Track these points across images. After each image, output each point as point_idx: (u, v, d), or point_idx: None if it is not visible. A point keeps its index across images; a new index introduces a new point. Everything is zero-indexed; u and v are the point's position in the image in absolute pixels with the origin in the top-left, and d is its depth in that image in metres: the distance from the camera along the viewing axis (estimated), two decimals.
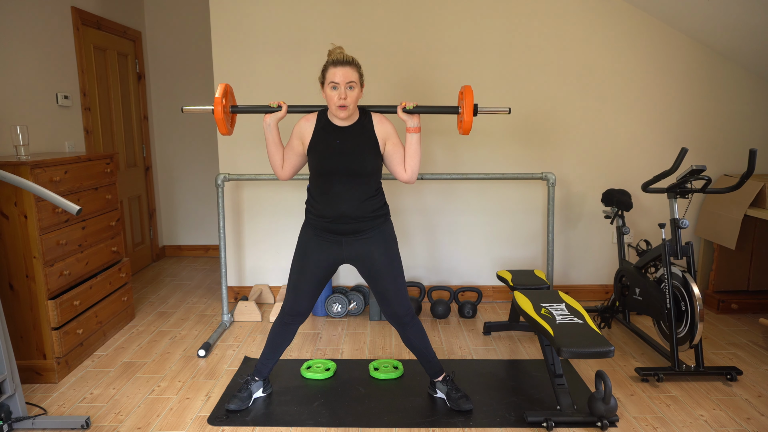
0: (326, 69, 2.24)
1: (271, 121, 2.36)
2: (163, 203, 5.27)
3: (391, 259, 2.40)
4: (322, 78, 2.26)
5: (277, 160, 2.40)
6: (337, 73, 2.21)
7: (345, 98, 2.22)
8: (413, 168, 2.37)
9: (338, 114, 2.26)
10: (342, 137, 2.31)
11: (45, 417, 2.36)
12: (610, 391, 2.31)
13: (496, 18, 3.68)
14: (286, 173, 2.42)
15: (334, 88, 2.22)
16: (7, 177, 2.20)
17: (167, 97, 5.06)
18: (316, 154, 2.31)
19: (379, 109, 2.42)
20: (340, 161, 2.28)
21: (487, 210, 3.92)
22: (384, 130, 2.35)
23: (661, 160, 3.86)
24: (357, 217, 2.33)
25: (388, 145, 2.36)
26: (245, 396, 2.53)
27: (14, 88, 3.25)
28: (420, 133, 2.35)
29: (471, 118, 2.34)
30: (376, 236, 2.38)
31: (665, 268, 2.84)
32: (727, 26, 3.32)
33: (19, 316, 2.76)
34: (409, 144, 2.35)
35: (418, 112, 2.36)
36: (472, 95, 2.33)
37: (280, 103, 2.37)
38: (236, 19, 3.70)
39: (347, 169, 2.28)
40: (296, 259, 2.43)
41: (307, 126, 2.36)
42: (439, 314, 3.64)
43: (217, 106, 2.35)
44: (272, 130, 2.36)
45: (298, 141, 2.37)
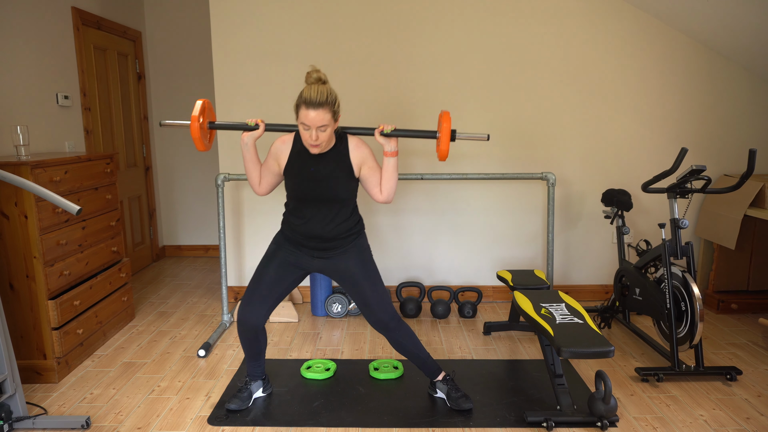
0: (299, 106, 2.15)
1: (248, 140, 2.32)
2: (163, 203, 5.27)
3: (367, 268, 2.41)
4: (296, 112, 2.19)
5: (254, 177, 2.38)
6: (309, 114, 2.12)
7: (316, 139, 2.16)
8: (389, 191, 2.35)
9: (310, 149, 2.22)
10: (317, 164, 2.28)
11: (45, 417, 2.36)
12: (610, 391, 2.31)
13: (495, 18, 3.68)
14: (263, 190, 2.41)
15: (306, 129, 2.16)
16: (7, 177, 2.20)
17: (167, 97, 5.06)
18: (290, 179, 2.31)
19: (357, 131, 2.36)
20: (314, 188, 2.28)
21: (487, 210, 3.92)
22: (360, 155, 2.31)
23: (661, 160, 3.86)
24: (331, 238, 2.35)
25: (364, 169, 2.33)
26: (245, 396, 2.53)
27: (14, 88, 3.25)
28: (397, 157, 2.32)
29: (447, 147, 2.29)
30: (351, 250, 2.40)
31: (665, 268, 2.84)
32: (727, 26, 3.33)
33: (20, 316, 2.76)
34: (386, 167, 2.32)
35: (395, 135, 2.30)
36: (450, 122, 2.28)
37: (258, 122, 2.32)
38: (236, 19, 3.70)
39: (321, 195, 2.29)
40: (260, 262, 2.44)
41: (283, 148, 2.32)
42: (439, 314, 3.64)
43: (193, 124, 2.30)
44: (250, 148, 2.34)
45: (274, 161, 2.35)
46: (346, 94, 3.78)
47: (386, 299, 2.43)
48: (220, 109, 3.80)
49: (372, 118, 3.79)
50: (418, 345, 2.51)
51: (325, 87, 2.15)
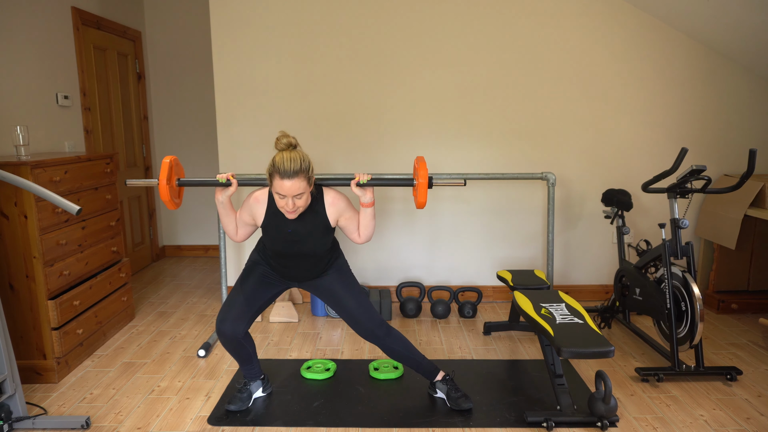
0: (273, 176, 2.10)
1: (223, 198, 2.31)
2: (163, 203, 5.26)
3: (347, 284, 2.45)
4: (269, 180, 2.13)
5: (230, 229, 2.39)
6: (283, 185, 2.08)
7: (294, 206, 2.14)
8: (367, 235, 2.37)
9: (288, 216, 2.20)
10: (293, 225, 2.28)
11: (45, 417, 2.36)
12: (610, 391, 2.31)
13: (495, 18, 3.68)
14: (241, 238, 2.42)
15: (282, 197, 2.13)
16: (7, 177, 2.20)
17: (167, 97, 5.06)
18: (268, 237, 2.33)
19: (333, 182, 2.33)
20: (292, 247, 2.31)
21: (487, 210, 3.92)
22: (336, 209, 2.30)
23: (661, 160, 3.86)
24: (310, 276, 2.44)
25: (342, 220, 2.34)
26: (245, 396, 2.53)
27: (14, 88, 3.25)
28: (374, 207, 2.32)
29: (425, 197, 2.26)
30: (329, 271, 2.46)
31: (665, 268, 2.84)
32: (727, 26, 3.32)
33: (19, 316, 2.76)
34: (364, 216, 2.33)
35: (372, 185, 2.29)
36: (426, 169, 2.24)
37: (230, 177, 2.28)
38: (236, 19, 3.70)
39: (299, 252, 2.33)
40: (245, 268, 2.49)
41: (258, 207, 2.30)
42: (439, 314, 3.64)
43: (162, 188, 2.25)
44: (225, 206, 2.34)
45: (249, 216, 2.35)
46: (349, 92, 3.78)
47: (370, 309, 2.46)
48: (220, 110, 3.80)
49: (370, 120, 3.79)
50: (411, 348, 2.51)
51: (297, 153, 2.11)
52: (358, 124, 3.81)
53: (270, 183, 2.14)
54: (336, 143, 3.83)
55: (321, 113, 3.80)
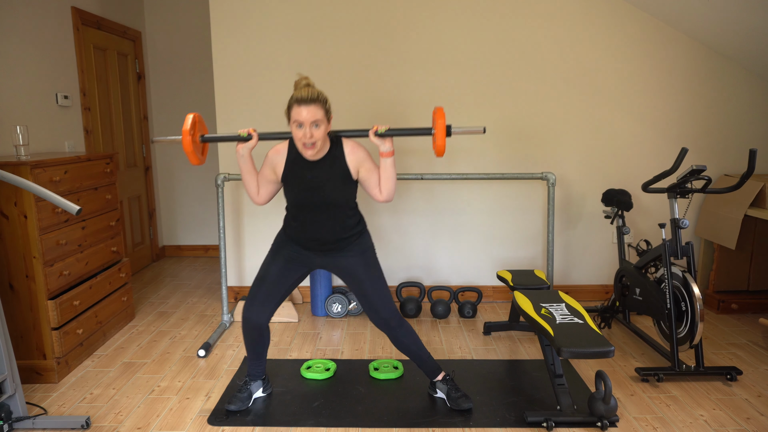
0: (291, 107, 2.17)
1: (243, 151, 2.30)
2: (163, 203, 5.27)
3: (370, 267, 2.42)
4: (288, 114, 2.19)
5: (252, 187, 2.37)
6: (301, 112, 2.13)
7: (311, 137, 2.16)
8: (389, 190, 2.34)
9: (305, 153, 2.20)
10: (313, 171, 2.28)
11: (45, 417, 2.36)
12: (610, 391, 2.31)
13: (495, 18, 3.68)
14: (262, 199, 2.40)
15: (300, 126, 2.15)
16: (7, 177, 2.19)
17: (167, 97, 5.06)
18: (288, 188, 2.32)
19: (351, 134, 2.34)
20: (313, 195, 2.28)
21: (487, 210, 3.92)
22: (356, 158, 2.30)
23: (661, 160, 3.86)
24: (333, 241, 2.37)
25: (362, 171, 2.32)
26: (245, 396, 2.53)
27: (14, 88, 3.25)
28: (393, 157, 2.30)
29: (444, 141, 2.27)
30: (353, 249, 2.41)
31: (665, 268, 2.84)
32: (727, 26, 3.32)
33: (19, 316, 2.76)
34: (384, 168, 2.31)
35: (390, 135, 2.28)
36: (444, 117, 2.26)
37: (251, 132, 2.29)
38: (236, 19, 3.70)
39: (321, 202, 2.29)
40: (265, 260, 2.46)
41: (278, 158, 2.32)
42: (439, 314, 3.64)
43: (185, 138, 2.27)
44: (246, 159, 2.33)
45: (270, 171, 2.35)
46: (348, 89, 3.78)
47: (388, 298, 2.44)
48: (220, 110, 3.80)
49: (372, 118, 3.79)
50: (419, 344, 2.51)
51: (314, 88, 2.18)
52: (357, 125, 3.81)
53: (288, 117, 2.19)
54: None
55: None
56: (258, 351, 2.52)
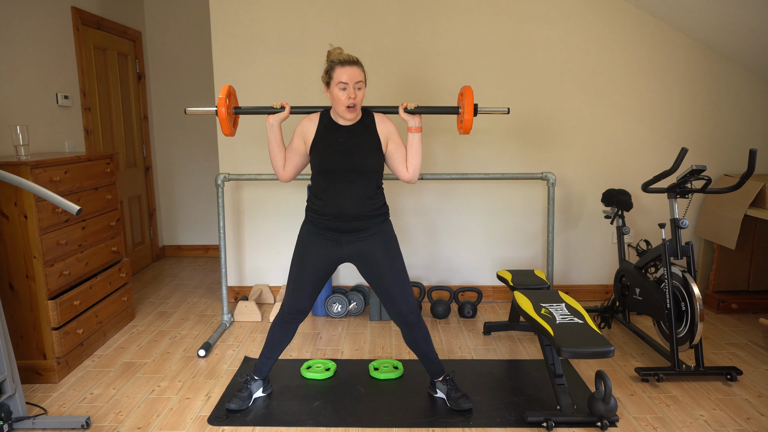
0: (332, 69, 2.24)
1: (274, 121, 2.36)
2: (163, 203, 5.27)
3: (393, 257, 2.40)
4: (328, 78, 2.27)
5: (279, 160, 2.41)
6: (345, 72, 2.22)
7: (354, 98, 2.24)
8: (415, 167, 2.38)
9: (346, 115, 2.27)
10: (345, 135, 2.32)
11: (45, 417, 2.36)
12: (610, 391, 2.31)
13: (496, 18, 3.68)
14: (287, 174, 2.42)
15: (343, 88, 2.22)
16: (7, 177, 2.20)
17: (167, 97, 5.06)
18: (318, 152, 2.32)
19: (381, 109, 2.43)
20: (342, 159, 2.29)
21: (487, 210, 3.92)
22: (386, 129, 2.37)
23: (661, 160, 3.86)
24: (357, 216, 2.34)
25: (390, 145, 2.37)
26: (245, 396, 2.53)
27: (14, 88, 3.25)
28: (421, 133, 2.36)
29: (471, 118, 2.36)
30: (376, 235, 2.39)
31: (665, 268, 2.84)
32: (727, 26, 3.33)
33: (19, 316, 2.76)
34: (411, 143, 2.36)
35: (419, 112, 2.37)
36: (473, 95, 2.35)
37: (283, 104, 2.38)
38: (236, 19, 3.70)
39: (349, 166, 2.29)
40: (295, 256, 2.44)
41: (310, 125, 2.37)
42: (439, 314, 3.64)
43: (220, 107, 2.37)
44: (275, 130, 2.37)
45: (300, 140, 2.38)
46: None
47: (410, 292, 2.43)
48: None
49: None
50: (431, 344, 2.51)
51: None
52: None
53: (329, 80, 2.25)
54: None
55: None
56: (278, 350, 2.55)
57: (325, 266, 2.43)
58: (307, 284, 2.43)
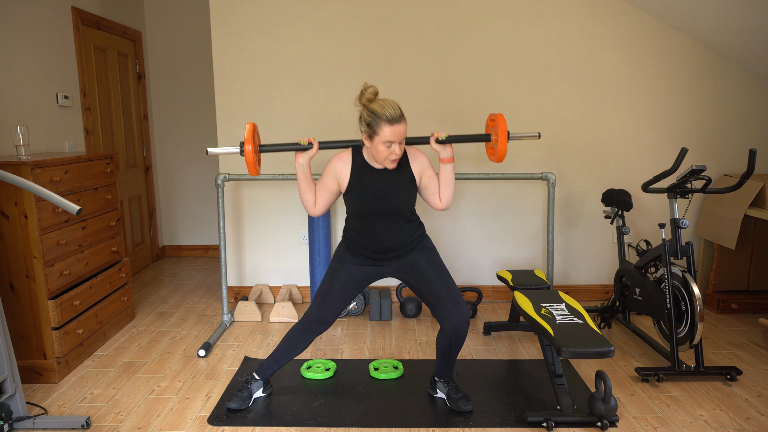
0: (378, 125, 2.11)
1: (303, 161, 2.27)
2: (163, 203, 5.27)
3: (437, 263, 2.39)
4: (371, 132, 2.14)
5: (309, 198, 2.32)
6: (395, 131, 2.11)
7: (399, 154, 2.17)
8: (448, 197, 2.34)
9: (389, 166, 2.21)
10: (381, 179, 2.27)
11: (45, 417, 2.36)
12: (610, 391, 2.31)
13: (495, 19, 3.68)
14: (319, 210, 2.36)
15: (389, 146, 2.14)
16: (7, 177, 2.20)
17: (167, 97, 5.06)
18: (354, 196, 2.29)
19: (412, 140, 2.35)
20: (380, 204, 2.27)
21: (487, 210, 3.92)
22: (419, 165, 2.31)
23: (661, 160, 3.86)
24: (397, 247, 2.36)
25: (424, 179, 2.33)
26: (246, 395, 2.53)
27: (14, 88, 3.25)
28: (453, 163, 2.29)
29: (506, 147, 2.29)
30: (416, 248, 2.40)
31: (665, 268, 2.84)
32: (727, 26, 3.33)
33: (20, 316, 2.76)
34: (444, 174, 2.31)
35: (450, 141, 2.30)
36: (506, 123, 2.29)
37: (311, 140, 2.28)
38: (236, 19, 3.70)
39: (387, 209, 2.28)
40: (331, 269, 2.45)
41: (343, 167, 2.29)
42: None
43: (248, 152, 2.25)
44: (305, 169, 2.28)
45: (332, 180, 2.31)
46: (347, 91, 3.78)
47: (461, 299, 2.38)
48: (220, 110, 3.80)
49: None
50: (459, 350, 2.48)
51: (392, 100, 2.16)
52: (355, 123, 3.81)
53: (373, 135, 2.14)
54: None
55: (322, 112, 3.80)
56: (290, 356, 2.54)
57: (360, 283, 2.44)
58: (337, 298, 2.42)
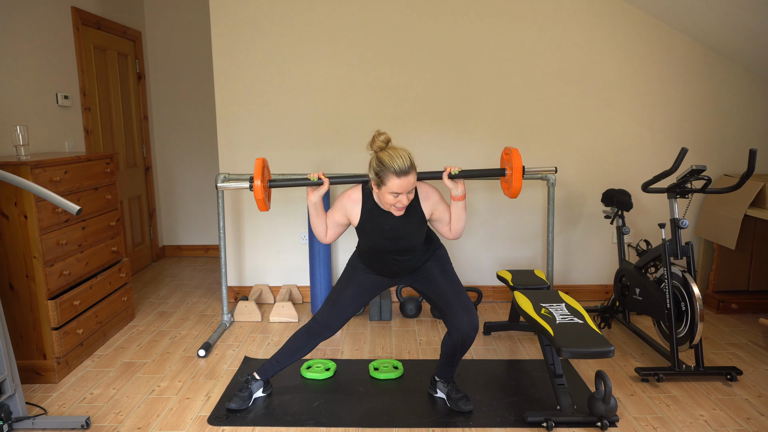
0: (385, 175, 2.08)
1: (315, 199, 2.27)
2: (163, 203, 5.27)
3: (448, 273, 2.41)
4: (379, 180, 2.12)
5: (321, 230, 2.34)
6: (402, 184, 2.08)
7: (405, 204, 2.16)
8: (459, 230, 2.34)
9: (395, 213, 2.21)
10: (391, 222, 2.27)
11: (45, 417, 2.36)
12: (610, 391, 2.31)
13: (495, 19, 3.68)
14: (330, 239, 2.38)
15: (395, 196, 2.12)
16: (7, 177, 2.20)
17: (167, 97, 5.06)
18: (366, 235, 2.31)
19: (424, 175, 2.31)
20: (391, 244, 2.29)
21: (487, 210, 3.92)
22: (431, 204, 2.30)
23: (661, 160, 3.86)
24: (410, 269, 2.42)
25: (435, 213, 2.33)
26: (246, 396, 2.53)
27: (14, 88, 3.25)
28: (465, 200, 2.29)
29: (520, 183, 2.28)
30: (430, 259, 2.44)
31: (665, 268, 2.84)
32: (727, 26, 3.33)
33: (19, 316, 2.76)
34: (455, 210, 2.30)
35: (463, 176, 2.27)
36: (521, 158, 2.27)
37: (321, 176, 2.27)
38: (236, 19, 3.70)
39: (398, 248, 2.31)
40: (344, 276, 2.49)
41: (353, 207, 2.29)
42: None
43: (257, 189, 2.26)
44: (317, 206, 2.29)
45: (343, 216, 2.32)
46: (347, 91, 3.78)
47: (472, 306, 2.38)
48: (220, 110, 3.80)
49: (372, 116, 3.79)
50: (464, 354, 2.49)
51: (403, 150, 2.11)
52: (356, 126, 3.81)
53: (380, 184, 2.12)
54: (335, 143, 3.83)
55: (323, 112, 3.80)
56: (293, 358, 2.55)
57: (373, 290, 2.48)
58: (348, 305, 2.45)
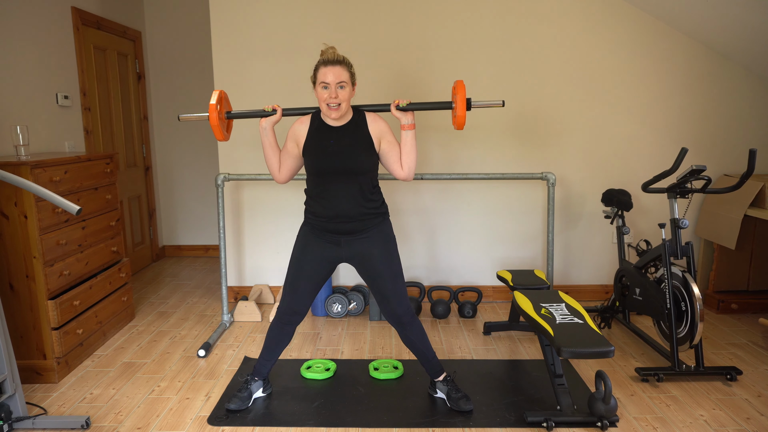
0: (317, 69, 2.26)
1: (266, 124, 2.37)
2: (163, 203, 5.27)
3: (391, 259, 2.41)
4: (314, 78, 2.28)
5: (274, 163, 2.41)
6: (327, 73, 2.22)
7: (336, 97, 2.24)
8: (410, 165, 2.36)
9: (330, 114, 2.27)
10: (336, 137, 2.33)
11: (45, 417, 2.36)
12: (610, 391, 2.31)
13: (494, 17, 3.68)
14: (283, 176, 2.43)
15: (325, 87, 2.23)
16: (7, 177, 2.20)
17: (167, 97, 5.06)
18: (311, 155, 2.33)
19: (372, 108, 2.42)
20: (334, 160, 2.30)
21: (487, 210, 3.92)
22: (378, 128, 2.36)
23: (661, 160, 3.86)
24: (355, 216, 2.35)
25: (384, 144, 2.36)
26: (245, 396, 2.53)
27: (14, 88, 3.25)
28: (414, 130, 2.34)
29: (464, 113, 2.33)
30: (375, 235, 2.39)
31: (665, 268, 2.84)
32: (727, 26, 3.33)
33: (19, 316, 2.76)
34: (405, 141, 2.35)
35: (411, 109, 2.34)
36: (465, 89, 2.33)
37: (275, 107, 2.38)
38: (236, 19, 3.70)
39: (342, 168, 2.30)
40: (294, 257, 2.45)
41: (302, 128, 2.38)
42: (439, 314, 3.64)
43: (212, 113, 2.37)
44: (268, 133, 2.38)
45: (293, 143, 2.39)
46: None
47: (404, 293, 2.45)
48: None
49: None
50: (427, 343, 2.52)
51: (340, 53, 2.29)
52: None
53: (314, 80, 2.27)
54: None
55: None
56: (276, 352, 2.55)
57: (324, 267, 2.43)
58: (305, 285, 2.43)
